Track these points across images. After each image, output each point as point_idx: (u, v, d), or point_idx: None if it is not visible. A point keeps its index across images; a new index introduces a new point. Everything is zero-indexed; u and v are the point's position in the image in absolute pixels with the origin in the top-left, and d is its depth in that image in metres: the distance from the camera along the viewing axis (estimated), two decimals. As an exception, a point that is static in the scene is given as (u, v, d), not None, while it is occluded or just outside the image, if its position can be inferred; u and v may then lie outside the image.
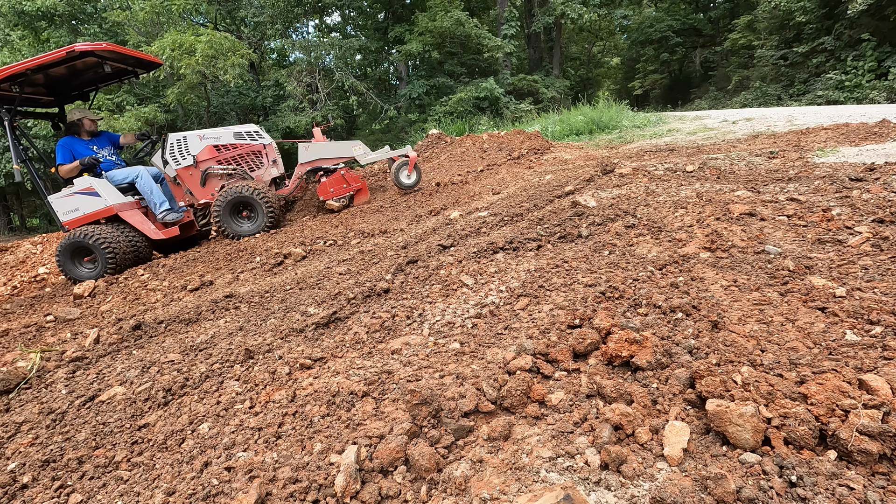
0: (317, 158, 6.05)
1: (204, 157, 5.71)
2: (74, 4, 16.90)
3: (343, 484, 1.25)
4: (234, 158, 5.86)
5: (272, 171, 6.04)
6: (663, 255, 2.33)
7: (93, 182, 5.33)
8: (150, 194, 5.64)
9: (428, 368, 1.78)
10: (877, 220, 2.34)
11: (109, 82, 6.14)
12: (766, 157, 4.61)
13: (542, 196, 4.09)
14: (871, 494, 1.00)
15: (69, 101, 6.21)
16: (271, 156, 6.02)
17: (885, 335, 1.47)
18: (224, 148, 5.80)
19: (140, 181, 5.64)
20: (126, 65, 5.58)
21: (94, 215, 5.34)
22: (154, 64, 5.96)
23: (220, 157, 5.79)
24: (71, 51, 4.73)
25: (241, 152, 5.89)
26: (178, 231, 5.70)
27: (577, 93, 24.56)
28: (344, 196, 6.00)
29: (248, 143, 5.89)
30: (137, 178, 5.64)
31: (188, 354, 2.46)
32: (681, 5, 26.98)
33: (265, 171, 6.01)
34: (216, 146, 5.76)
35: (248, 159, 5.95)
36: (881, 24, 14.47)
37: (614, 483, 1.15)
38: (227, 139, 5.83)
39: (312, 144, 6.04)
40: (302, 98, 18.91)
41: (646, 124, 10.86)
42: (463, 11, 18.01)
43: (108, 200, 5.33)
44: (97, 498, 1.49)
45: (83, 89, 6.07)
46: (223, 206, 5.45)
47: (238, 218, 5.60)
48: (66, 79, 5.56)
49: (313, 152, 6.02)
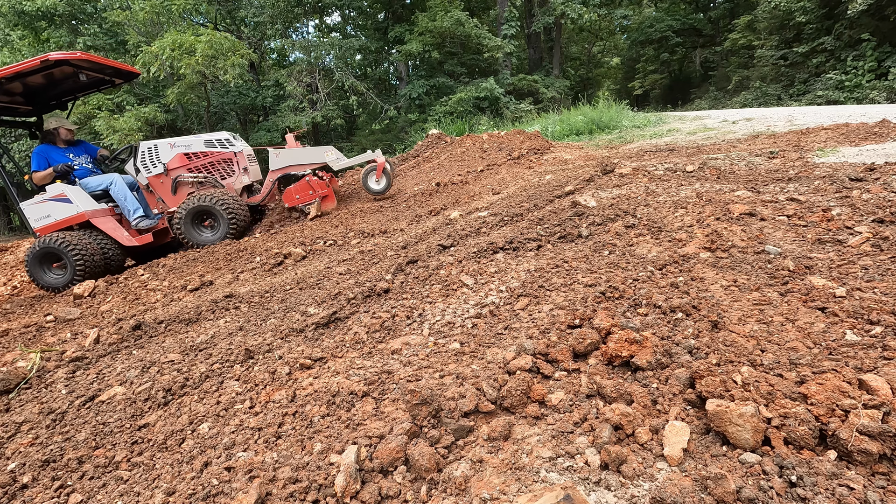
0: (288, 165, 5.98)
1: (174, 166, 5.73)
2: (74, 4, 16.90)
3: (343, 484, 1.25)
4: (204, 166, 5.86)
5: (243, 179, 6.02)
6: (663, 255, 2.33)
7: (65, 189, 5.35)
8: (123, 201, 5.66)
9: (428, 368, 1.78)
10: (877, 220, 2.34)
11: (87, 92, 6.20)
12: (766, 157, 4.61)
13: (542, 196, 4.09)
14: (871, 494, 1.00)
15: (48, 109, 6.23)
16: (242, 163, 6.00)
17: (885, 335, 1.47)
18: (194, 156, 5.81)
19: (114, 188, 5.66)
20: (103, 74, 5.61)
21: (65, 222, 5.34)
22: (132, 74, 6.01)
23: (191, 165, 5.80)
24: (45, 59, 4.74)
25: (212, 160, 5.88)
26: (151, 238, 5.69)
27: (577, 93, 24.56)
28: (310, 203, 5.92)
29: (219, 150, 5.88)
30: (111, 185, 5.66)
31: (188, 354, 2.46)
32: (681, 5, 26.98)
33: (236, 178, 5.99)
34: (187, 154, 5.78)
35: (218, 167, 5.94)
36: (881, 24, 14.47)
37: (614, 483, 1.15)
38: (197, 147, 5.84)
39: (283, 151, 5.99)
40: (302, 98, 18.90)
41: (646, 124, 10.86)
42: (463, 11, 18.01)
43: (79, 207, 5.33)
44: (97, 498, 1.49)
45: (61, 98, 6.12)
46: (184, 216, 5.41)
47: (201, 227, 5.56)
48: (43, 88, 5.58)
49: (284, 159, 5.96)
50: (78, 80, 5.28)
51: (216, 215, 5.45)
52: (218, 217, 5.44)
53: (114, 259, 5.42)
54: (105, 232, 5.41)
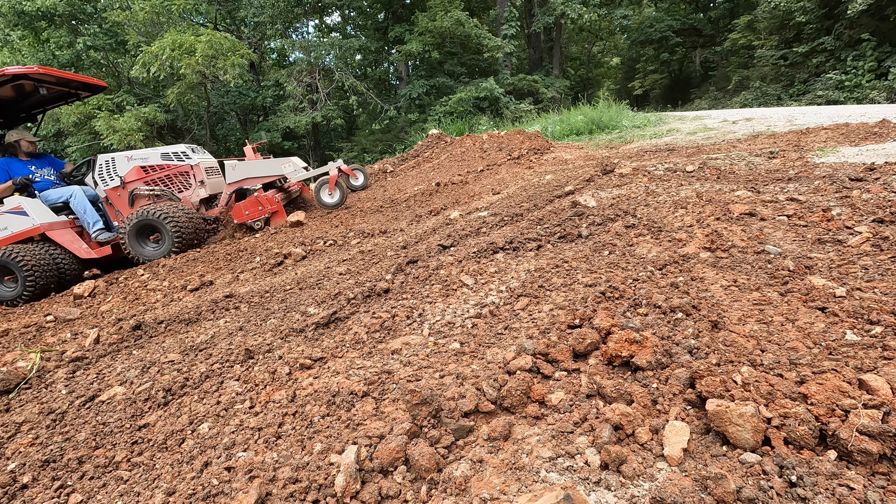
0: (244, 178, 5.93)
1: (131, 178, 5.74)
2: (74, 4, 16.89)
3: (343, 484, 1.25)
4: (161, 179, 5.86)
5: (200, 192, 5.98)
6: (663, 255, 2.33)
7: (22, 201, 5.35)
8: (83, 213, 5.66)
9: (428, 368, 1.78)
10: (877, 220, 2.34)
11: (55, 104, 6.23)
12: (766, 157, 4.61)
13: (542, 196, 4.09)
14: (871, 494, 1.00)
15: (18, 122, 6.29)
16: (199, 176, 5.97)
17: (885, 335, 1.47)
18: (151, 169, 5.81)
19: (73, 200, 5.66)
20: (68, 87, 5.62)
21: (21, 234, 5.33)
22: (98, 87, 6.04)
23: (147, 178, 5.80)
24: (2, 74, 4.78)
25: (169, 173, 5.87)
26: (110, 250, 5.66)
27: (577, 93, 24.56)
28: (259, 219, 5.84)
29: (175, 163, 5.87)
30: (71, 197, 5.67)
31: (188, 354, 2.46)
32: (681, 5, 26.98)
33: (193, 191, 5.96)
34: (143, 167, 5.78)
35: (175, 180, 5.93)
36: (881, 24, 14.47)
37: (614, 483, 1.15)
38: (154, 160, 5.84)
39: (240, 164, 5.95)
40: (302, 98, 18.91)
41: (646, 124, 10.86)
42: (463, 11, 18.00)
43: (35, 220, 5.32)
44: (97, 498, 1.49)
45: (31, 111, 6.17)
46: (128, 230, 5.36)
47: (146, 241, 5.50)
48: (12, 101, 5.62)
49: (241, 171, 5.92)
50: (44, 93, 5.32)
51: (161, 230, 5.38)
52: (163, 232, 5.37)
53: (69, 272, 5.38)
54: (62, 245, 5.39)
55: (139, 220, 5.30)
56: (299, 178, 6.03)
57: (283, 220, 5.85)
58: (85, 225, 5.69)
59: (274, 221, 5.88)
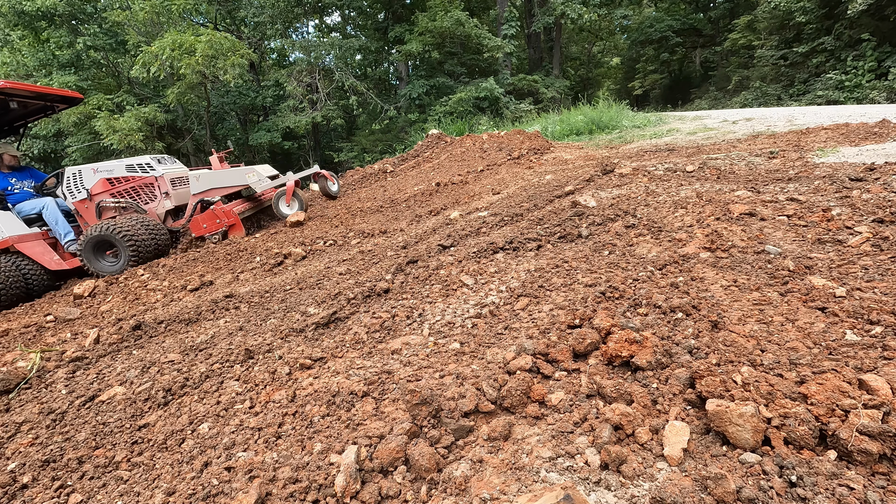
0: (209, 188, 5.89)
1: (97, 191, 5.77)
2: (74, 4, 16.89)
3: (343, 484, 1.25)
4: (126, 191, 5.88)
5: (166, 204, 5.97)
6: (663, 255, 2.33)
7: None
8: (55, 225, 5.70)
9: (428, 368, 1.78)
10: (877, 220, 2.34)
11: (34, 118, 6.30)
12: (766, 157, 4.61)
13: (542, 196, 4.09)
14: (871, 494, 1.00)
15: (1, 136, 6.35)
16: (164, 188, 5.97)
17: (885, 335, 1.47)
18: (116, 181, 5.83)
19: (45, 212, 5.71)
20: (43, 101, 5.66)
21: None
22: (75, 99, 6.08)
23: (113, 191, 5.82)
24: None
25: (134, 185, 5.89)
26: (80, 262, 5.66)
27: (577, 93, 24.56)
28: (217, 232, 5.80)
29: (140, 175, 5.89)
30: (44, 209, 5.71)
31: (188, 354, 2.46)
32: (681, 5, 26.98)
33: (158, 203, 5.96)
34: (109, 179, 5.80)
35: (141, 192, 5.94)
36: (881, 24, 14.47)
37: (614, 483, 1.15)
38: (119, 172, 5.86)
39: (203, 174, 5.93)
40: (302, 98, 18.91)
41: (646, 124, 10.86)
42: (463, 11, 18.00)
43: (4, 232, 5.34)
44: (97, 498, 1.49)
45: (13, 125, 6.24)
46: (84, 245, 5.33)
47: (103, 256, 5.46)
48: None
49: (205, 182, 5.89)
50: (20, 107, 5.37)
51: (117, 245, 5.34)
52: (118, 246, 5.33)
53: (37, 284, 5.39)
54: (31, 257, 5.39)
55: (94, 235, 5.27)
56: (263, 187, 5.99)
57: (241, 233, 5.80)
58: (57, 236, 5.71)
59: (232, 234, 5.81)
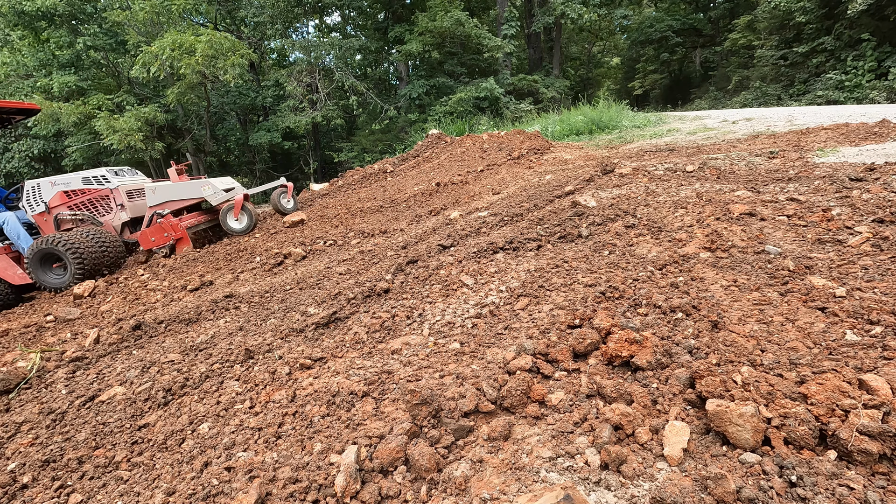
0: (165, 201, 5.91)
1: (55, 203, 5.79)
2: (74, 4, 16.89)
3: (343, 484, 1.25)
4: (83, 204, 5.89)
5: (122, 216, 5.99)
6: (663, 255, 2.33)
7: None
8: (17, 239, 5.70)
9: (428, 368, 1.78)
10: (877, 220, 2.34)
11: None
12: (766, 157, 4.60)
13: (542, 196, 4.09)
14: (871, 494, 1.00)
15: None
16: (119, 200, 5.99)
17: (885, 335, 1.47)
18: (73, 194, 5.85)
19: (7, 227, 5.71)
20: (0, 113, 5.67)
21: None
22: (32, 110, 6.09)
23: (70, 203, 5.85)
24: None
25: (91, 197, 5.91)
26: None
27: (577, 93, 24.56)
28: (164, 246, 5.79)
29: (96, 187, 5.91)
30: (4, 223, 5.72)
31: (188, 354, 2.46)
32: (681, 5, 26.98)
33: (114, 215, 5.98)
34: (66, 192, 5.83)
35: (97, 204, 5.96)
36: (881, 24, 14.47)
37: (614, 483, 1.15)
38: (76, 185, 5.88)
39: (160, 186, 5.96)
40: (302, 98, 18.90)
41: (646, 124, 10.86)
42: (463, 11, 17.99)
43: None
44: (97, 498, 1.49)
45: None
46: (31, 258, 5.31)
47: (50, 269, 5.43)
48: None
49: (161, 195, 5.91)
50: None
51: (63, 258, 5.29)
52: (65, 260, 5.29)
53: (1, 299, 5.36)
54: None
55: (40, 248, 5.25)
56: (218, 200, 5.99)
57: (188, 246, 5.77)
58: (20, 249, 5.70)
59: (179, 248, 5.78)
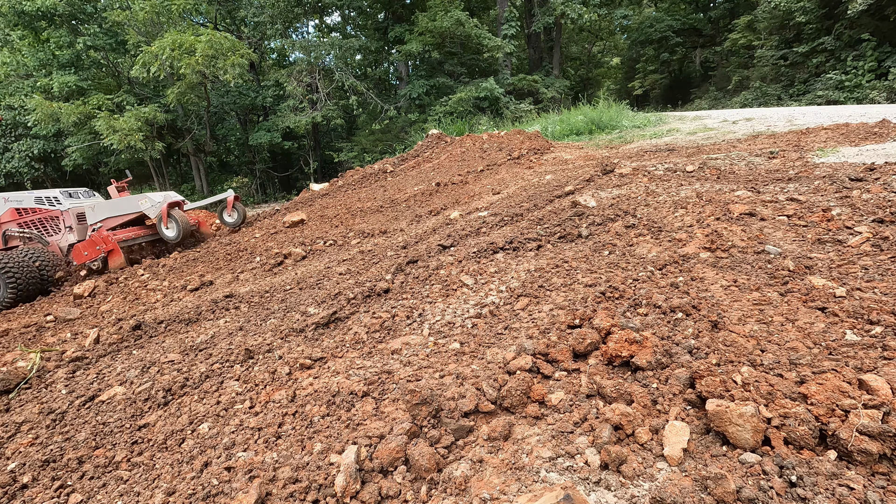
0: (105, 218, 5.97)
1: (6, 219, 5.84)
2: (74, 4, 16.90)
3: (343, 484, 1.25)
4: (33, 222, 5.94)
5: (69, 237, 6.03)
6: (663, 255, 2.33)
7: None
8: None
9: (428, 368, 1.78)
10: (877, 220, 2.33)
11: None
12: (766, 157, 4.60)
13: (542, 196, 4.09)
14: (871, 494, 1.00)
15: None
16: (68, 222, 6.03)
17: (885, 335, 1.47)
18: (24, 211, 5.89)
19: None
20: None
21: None
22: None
23: (21, 220, 5.89)
24: None
25: (41, 217, 5.96)
26: None
27: (577, 93, 24.57)
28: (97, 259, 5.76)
29: (47, 208, 5.95)
30: None
31: (188, 354, 2.46)
32: (681, 5, 26.98)
33: (62, 236, 6.03)
34: (17, 209, 5.87)
35: (46, 224, 6.00)
36: (881, 24, 14.47)
37: (614, 483, 1.15)
38: (28, 203, 5.92)
39: (98, 204, 6.02)
40: (302, 98, 18.91)
41: (646, 124, 10.86)
42: (463, 11, 17.99)
43: None
44: (97, 498, 1.49)
45: None
46: None
47: None
48: None
49: (100, 212, 5.97)
50: None
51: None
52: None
53: None
54: None
55: None
56: (156, 213, 6.01)
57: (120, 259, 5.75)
58: None
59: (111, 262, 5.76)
